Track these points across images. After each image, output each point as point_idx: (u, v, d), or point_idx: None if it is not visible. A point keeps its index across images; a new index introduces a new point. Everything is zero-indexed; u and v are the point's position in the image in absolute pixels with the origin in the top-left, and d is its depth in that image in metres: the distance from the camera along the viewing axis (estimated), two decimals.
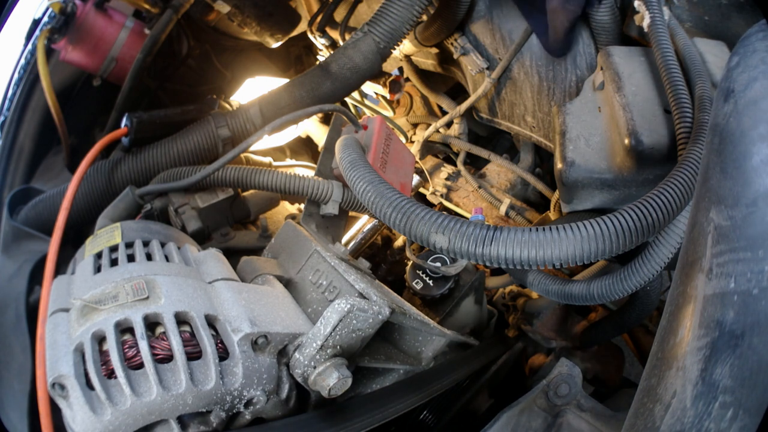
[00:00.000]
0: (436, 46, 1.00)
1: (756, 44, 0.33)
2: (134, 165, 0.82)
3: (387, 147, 0.73)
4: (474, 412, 0.83)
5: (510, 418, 0.66)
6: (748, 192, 0.30)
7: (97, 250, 0.58)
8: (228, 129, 0.85)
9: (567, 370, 0.69)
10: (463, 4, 0.85)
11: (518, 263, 0.46)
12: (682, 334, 0.32)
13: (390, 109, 1.28)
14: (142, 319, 0.44)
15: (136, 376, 0.42)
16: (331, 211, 0.72)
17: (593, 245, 0.45)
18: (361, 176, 0.55)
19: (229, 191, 0.82)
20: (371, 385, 0.61)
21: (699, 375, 0.30)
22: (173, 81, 1.23)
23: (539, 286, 0.76)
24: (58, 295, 0.52)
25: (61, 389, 0.41)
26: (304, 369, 0.47)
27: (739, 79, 0.32)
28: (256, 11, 1.09)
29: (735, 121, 0.31)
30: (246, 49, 1.37)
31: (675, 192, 0.48)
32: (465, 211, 1.12)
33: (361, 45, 0.84)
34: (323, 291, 0.58)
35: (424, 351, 0.64)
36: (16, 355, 0.61)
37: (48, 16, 0.99)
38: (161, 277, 0.50)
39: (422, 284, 0.78)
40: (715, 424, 0.29)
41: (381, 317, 0.51)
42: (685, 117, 0.60)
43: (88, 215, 0.82)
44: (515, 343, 0.96)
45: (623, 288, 0.65)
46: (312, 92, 0.85)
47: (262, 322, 0.48)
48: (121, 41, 1.01)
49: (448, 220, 0.48)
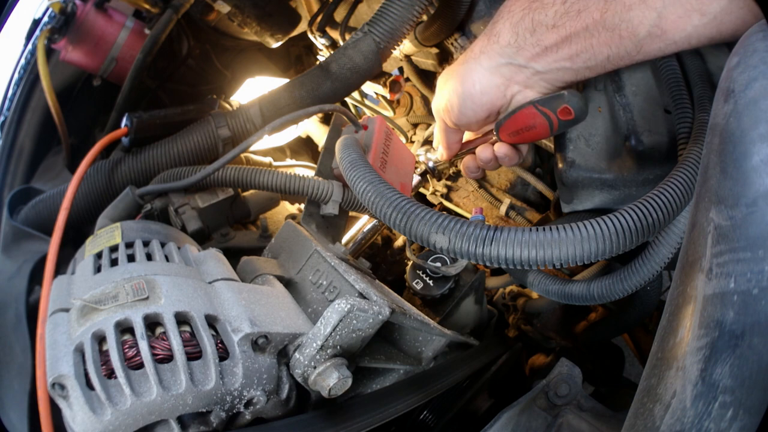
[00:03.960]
0: (436, 46, 1.00)
1: (756, 44, 0.33)
2: (134, 165, 0.82)
3: (387, 147, 0.73)
4: (474, 412, 0.83)
5: (510, 418, 0.66)
6: (748, 192, 0.30)
7: (97, 250, 0.58)
8: (228, 129, 0.85)
9: (567, 370, 0.69)
10: (463, 4, 0.85)
11: (518, 263, 0.46)
12: (682, 334, 0.32)
13: (390, 109, 1.28)
14: (142, 319, 0.44)
15: (136, 376, 0.42)
16: (331, 211, 0.72)
17: (593, 245, 0.45)
18: (361, 176, 0.55)
19: (229, 191, 0.82)
20: (371, 385, 0.61)
21: (699, 375, 0.30)
22: (173, 81, 1.23)
23: (539, 286, 0.76)
24: (58, 295, 0.52)
25: (61, 389, 0.41)
26: (304, 369, 0.48)
27: (739, 79, 0.32)
28: (256, 11, 1.09)
29: (735, 121, 0.31)
30: (246, 49, 1.37)
31: (675, 192, 0.48)
32: (465, 211, 1.12)
33: (361, 45, 0.84)
34: (323, 291, 0.58)
35: (424, 351, 0.64)
36: (16, 355, 0.61)
37: (48, 16, 0.99)
38: (161, 277, 0.50)
39: (422, 284, 0.78)
40: (715, 424, 0.29)
41: (381, 317, 0.51)
42: (685, 117, 0.60)
43: (88, 215, 0.82)
44: (515, 343, 0.96)
45: (623, 288, 0.65)
46: (312, 92, 0.85)
47: (262, 322, 0.48)
48: (122, 41, 1.01)
49: (448, 220, 0.48)
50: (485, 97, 0.60)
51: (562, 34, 0.51)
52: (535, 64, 0.55)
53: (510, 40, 0.55)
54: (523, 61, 0.56)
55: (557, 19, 0.51)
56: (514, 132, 0.63)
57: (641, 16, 0.46)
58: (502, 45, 0.56)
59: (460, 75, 0.61)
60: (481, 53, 0.59)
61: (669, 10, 0.45)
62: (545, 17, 0.52)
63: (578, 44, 0.51)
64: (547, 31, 0.52)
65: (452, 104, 0.63)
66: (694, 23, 0.44)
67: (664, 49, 0.48)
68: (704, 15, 0.44)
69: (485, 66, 0.58)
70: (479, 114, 0.62)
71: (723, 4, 0.42)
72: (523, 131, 0.62)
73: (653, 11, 0.46)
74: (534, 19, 0.53)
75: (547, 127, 0.59)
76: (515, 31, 0.55)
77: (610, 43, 0.50)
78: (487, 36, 0.58)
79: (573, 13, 0.50)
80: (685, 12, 0.44)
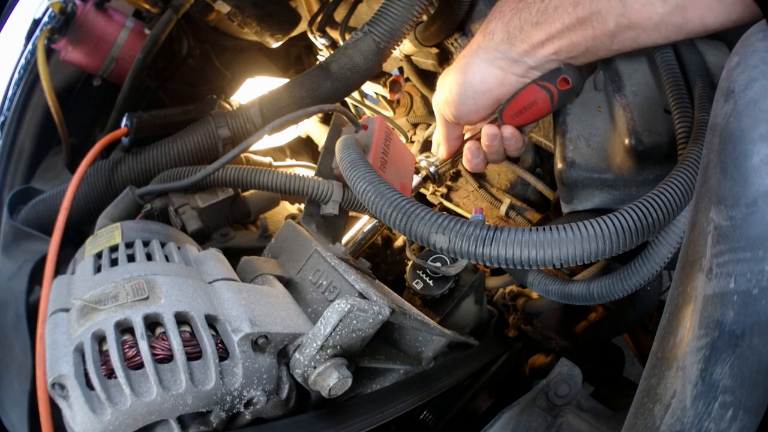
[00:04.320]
0: (436, 46, 1.00)
1: (756, 44, 0.33)
2: (134, 165, 0.82)
3: (387, 147, 0.73)
4: (474, 412, 0.83)
5: (510, 418, 0.66)
6: (748, 192, 0.30)
7: (97, 250, 0.58)
8: (228, 129, 0.85)
9: (567, 370, 0.69)
10: (463, 4, 0.85)
11: (518, 263, 0.46)
12: (682, 334, 0.32)
13: (390, 109, 1.28)
14: (142, 319, 0.44)
15: (136, 376, 0.42)
16: (331, 211, 0.72)
17: (593, 245, 0.45)
18: (361, 176, 0.55)
19: (229, 191, 0.82)
20: (371, 385, 0.61)
21: (699, 375, 0.30)
22: (173, 81, 1.23)
23: (539, 286, 0.76)
24: (58, 295, 0.52)
25: (61, 389, 0.41)
26: (304, 369, 0.48)
27: (739, 79, 0.32)
28: (256, 11, 1.09)
29: (735, 121, 0.31)
30: (246, 49, 1.37)
31: (675, 192, 0.48)
32: (465, 211, 1.11)
33: (361, 45, 0.84)
34: (323, 291, 0.58)
35: (424, 351, 0.64)
36: (16, 355, 0.61)
37: (48, 16, 0.99)
38: (161, 277, 0.50)
39: (422, 284, 0.78)
40: (715, 424, 0.29)
41: (381, 317, 0.51)
42: (685, 117, 0.60)
43: (88, 215, 0.82)
44: (515, 343, 0.96)
45: (623, 288, 0.65)
46: (312, 92, 0.85)
47: (262, 322, 0.48)
48: (122, 41, 1.01)
49: (448, 220, 0.48)
50: (485, 85, 0.64)
51: (545, 32, 0.56)
52: (527, 59, 0.59)
53: (503, 38, 0.60)
54: (517, 56, 0.60)
55: (539, 16, 0.56)
56: (516, 112, 0.65)
57: (608, 7, 0.49)
58: (496, 42, 0.60)
59: (461, 67, 0.65)
60: (479, 48, 0.63)
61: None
62: (529, 15, 0.56)
63: (560, 41, 0.55)
64: (532, 29, 0.57)
65: (453, 95, 0.67)
66: (659, 11, 0.47)
67: (637, 39, 0.51)
68: (666, 3, 0.46)
69: (483, 58, 0.63)
70: (479, 102, 0.65)
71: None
72: (525, 110, 0.65)
73: (619, 2, 0.48)
74: (521, 18, 0.57)
75: (548, 100, 0.62)
76: (506, 29, 0.59)
77: (586, 36, 0.53)
78: (483, 33, 0.63)
79: (551, 10, 0.54)
80: (648, 1, 0.47)
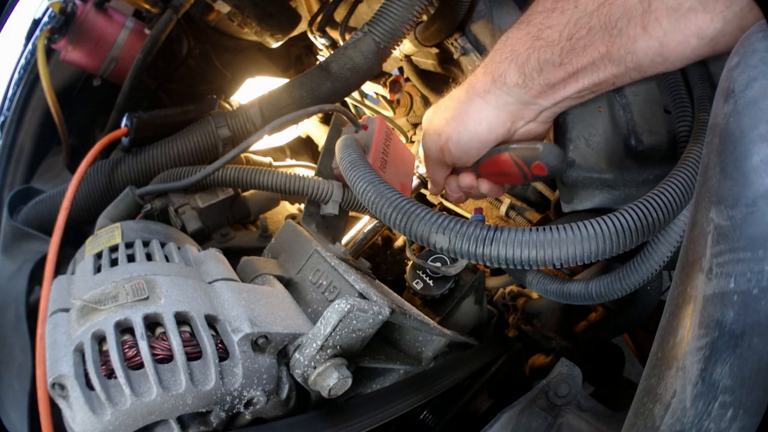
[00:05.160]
0: (436, 46, 1.00)
1: (756, 44, 0.33)
2: (134, 165, 0.82)
3: (387, 147, 0.73)
4: (474, 412, 0.83)
5: (510, 418, 0.66)
6: (748, 192, 0.30)
7: (97, 250, 0.58)
8: (228, 129, 0.85)
9: (567, 370, 0.69)
10: (463, 4, 0.85)
11: (518, 263, 0.46)
12: (682, 334, 0.32)
13: (390, 109, 1.28)
14: (142, 319, 0.44)
15: (136, 376, 0.42)
16: (331, 211, 0.72)
17: (593, 245, 0.45)
18: (361, 176, 0.55)
19: (229, 191, 0.82)
20: (371, 385, 0.61)
21: (699, 375, 0.30)
22: (173, 81, 1.23)
23: (538, 286, 0.76)
24: (58, 295, 0.52)
25: (61, 389, 0.41)
26: (304, 369, 0.48)
27: (739, 79, 0.32)
28: (256, 11, 1.09)
29: (735, 121, 0.31)
30: (246, 49, 1.37)
31: (675, 192, 0.48)
32: (465, 211, 1.12)
33: (361, 45, 0.84)
34: (323, 291, 0.58)
35: (424, 351, 0.64)
36: (16, 355, 0.61)
37: (48, 16, 0.99)
38: (161, 277, 0.50)
39: (422, 284, 0.78)
40: (715, 424, 0.29)
41: (381, 317, 0.51)
42: (685, 117, 0.60)
43: (88, 215, 0.82)
44: (515, 343, 0.96)
45: (622, 287, 0.65)
46: (312, 92, 0.85)
47: (262, 322, 0.48)
48: (122, 41, 1.01)
49: (448, 220, 0.48)
50: (492, 135, 0.60)
51: (569, 71, 0.52)
52: (542, 101, 0.56)
53: (518, 81, 0.55)
54: (530, 98, 0.56)
55: (564, 56, 0.51)
56: (490, 173, 0.64)
57: (645, 47, 0.47)
58: (509, 86, 0.56)
59: (464, 113, 0.60)
60: (487, 93, 0.58)
61: (670, 37, 0.45)
62: (551, 55, 0.52)
63: (585, 79, 0.52)
64: (554, 69, 0.52)
65: (454, 142, 0.62)
66: (692, 46, 0.45)
67: (662, 71, 0.49)
68: (702, 39, 0.44)
69: (493, 104, 0.58)
70: (483, 151, 0.62)
71: (719, 27, 0.43)
72: (498, 175, 0.63)
73: (656, 41, 0.46)
74: (540, 58, 0.53)
75: (521, 177, 0.60)
76: (522, 71, 0.54)
77: (615, 74, 0.50)
78: (491, 75, 0.57)
79: (579, 50, 0.50)
80: (685, 38, 0.45)
